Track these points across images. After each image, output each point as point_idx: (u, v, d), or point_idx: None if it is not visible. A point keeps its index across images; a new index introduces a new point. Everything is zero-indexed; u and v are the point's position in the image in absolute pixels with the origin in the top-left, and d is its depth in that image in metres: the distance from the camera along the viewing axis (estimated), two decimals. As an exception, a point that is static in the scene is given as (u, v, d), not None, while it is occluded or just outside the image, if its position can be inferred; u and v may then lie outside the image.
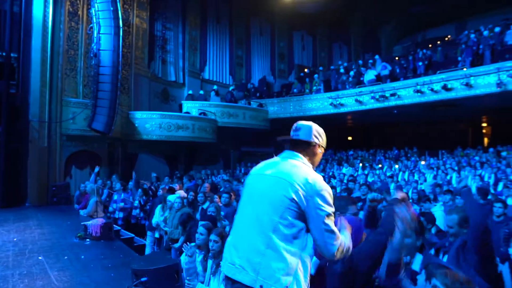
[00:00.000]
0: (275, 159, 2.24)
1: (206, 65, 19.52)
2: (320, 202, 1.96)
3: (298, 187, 1.97)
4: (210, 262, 3.57)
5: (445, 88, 13.53)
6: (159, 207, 7.14)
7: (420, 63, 15.18)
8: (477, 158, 14.57)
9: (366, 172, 12.86)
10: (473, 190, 8.55)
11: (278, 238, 1.93)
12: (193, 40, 18.91)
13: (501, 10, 20.97)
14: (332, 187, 8.80)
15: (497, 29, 14.15)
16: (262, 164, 2.26)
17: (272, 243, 1.93)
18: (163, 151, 16.30)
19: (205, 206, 6.69)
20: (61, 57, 12.10)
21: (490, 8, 21.38)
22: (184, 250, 3.84)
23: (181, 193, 7.78)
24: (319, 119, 17.54)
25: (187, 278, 3.61)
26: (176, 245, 5.80)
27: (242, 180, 11.12)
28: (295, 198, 1.96)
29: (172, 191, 8.16)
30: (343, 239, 2.00)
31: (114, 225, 8.33)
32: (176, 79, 18.04)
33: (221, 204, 6.37)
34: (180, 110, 17.02)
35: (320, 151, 2.25)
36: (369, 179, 11.82)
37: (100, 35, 11.22)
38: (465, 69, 13.55)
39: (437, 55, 16.14)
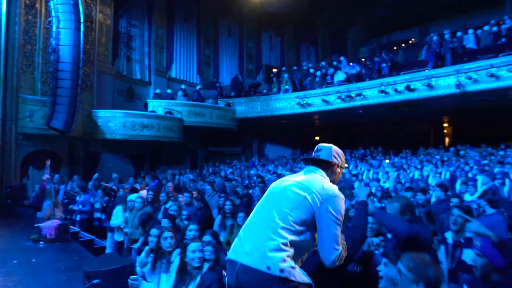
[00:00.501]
0: (298, 173, 2.44)
1: (173, 64, 19.18)
2: (333, 208, 2.10)
3: (314, 190, 2.13)
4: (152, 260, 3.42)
5: (408, 88, 13.87)
6: (118, 207, 6.90)
7: (384, 64, 15.51)
8: (438, 157, 15.04)
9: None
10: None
11: (283, 227, 2.06)
12: (160, 39, 18.54)
13: (460, 16, 21.82)
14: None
15: (458, 34, 14.64)
16: (285, 176, 2.47)
17: (278, 230, 2.05)
18: (128, 150, 15.87)
19: (168, 206, 6.51)
20: (16, 52, 11.49)
21: (451, 14, 22.17)
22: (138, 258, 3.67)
23: (143, 193, 7.56)
24: (286, 119, 17.65)
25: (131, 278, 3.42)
26: (136, 246, 5.59)
27: (208, 180, 10.98)
28: (309, 199, 2.10)
29: (134, 191, 7.94)
30: (343, 250, 2.14)
31: (73, 227, 7.99)
32: (142, 77, 17.62)
33: (183, 203, 6.21)
34: (146, 109, 16.66)
35: (339, 170, 2.45)
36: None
37: (59, 29, 10.76)
38: (427, 70, 13.96)
39: (398, 57, 16.55)
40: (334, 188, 2.19)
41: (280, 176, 11.87)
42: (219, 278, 2.97)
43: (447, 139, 21.57)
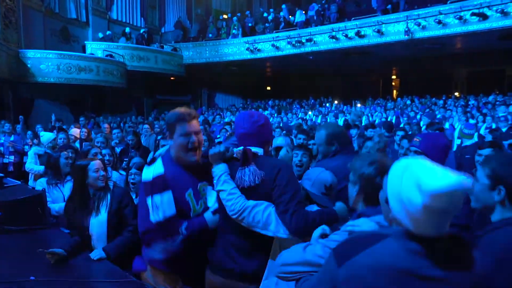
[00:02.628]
0: None
1: (114, 4, 17.64)
2: None
3: None
4: None
5: (358, 34, 13.73)
6: (33, 148, 6.23)
7: (331, 11, 15.16)
8: (389, 105, 15.33)
9: (281, 116, 12.86)
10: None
11: None
12: (98, -25, 16.87)
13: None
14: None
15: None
16: None
17: None
18: (66, 96, 14.68)
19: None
20: None
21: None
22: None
23: (75, 131, 6.93)
24: (236, 65, 17.06)
25: None
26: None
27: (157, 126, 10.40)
28: None
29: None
30: None
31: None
32: (78, 17, 16.06)
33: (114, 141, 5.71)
34: (84, 52, 15.32)
35: None
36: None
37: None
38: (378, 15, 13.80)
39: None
40: None
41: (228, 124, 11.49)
42: (128, 191, 2.77)
43: (394, 91, 22.05)
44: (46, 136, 5.65)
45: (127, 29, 16.72)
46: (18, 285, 2.00)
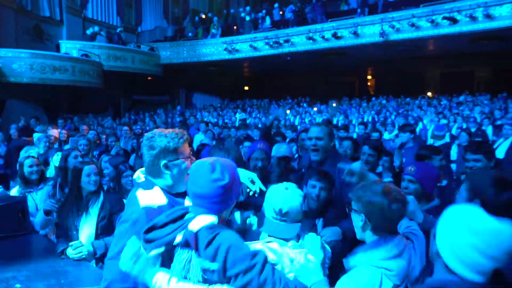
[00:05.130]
0: None
1: (89, 2, 17.29)
2: None
3: None
4: None
5: (335, 36, 13.96)
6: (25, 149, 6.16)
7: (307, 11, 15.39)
8: (364, 104, 15.66)
9: (259, 116, 12.97)
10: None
11: None
12: (72, -28, 16.50)
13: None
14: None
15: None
16: None
17: None
18: (40, 97, 14.31)
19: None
20: None
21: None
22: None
23: (54, 132, 6.86)
24: (214, 66, 17.04)
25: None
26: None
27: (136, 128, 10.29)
28: None
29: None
30: None
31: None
32: (52, 15, 15.66)
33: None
34: (58, 51, 14.98)
35: None
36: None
37: None
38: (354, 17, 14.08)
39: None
40: None
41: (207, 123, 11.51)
42: (121, 198, 2.84)
43: (370, 91, 22.47)
44: (36, 136, 5.64)
45: (90, 30, 16.46)
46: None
